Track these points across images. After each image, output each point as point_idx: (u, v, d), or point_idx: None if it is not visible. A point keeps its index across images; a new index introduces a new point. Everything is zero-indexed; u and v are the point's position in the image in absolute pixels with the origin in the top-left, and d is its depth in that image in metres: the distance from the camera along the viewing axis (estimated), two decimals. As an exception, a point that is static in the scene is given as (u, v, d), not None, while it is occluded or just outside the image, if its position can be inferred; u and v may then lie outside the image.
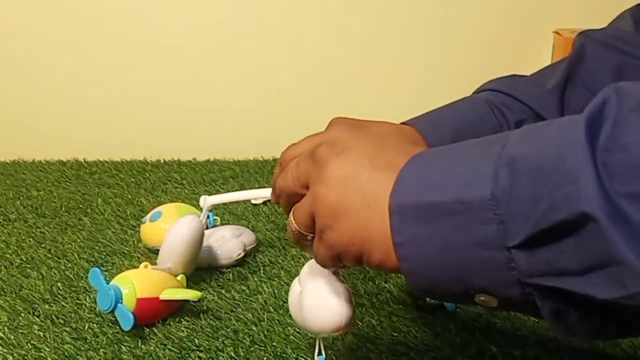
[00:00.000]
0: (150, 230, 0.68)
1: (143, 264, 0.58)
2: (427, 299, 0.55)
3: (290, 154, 0.41)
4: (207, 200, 0.64)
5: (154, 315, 0.55)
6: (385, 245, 0.31)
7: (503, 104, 0.52)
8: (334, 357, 0.49)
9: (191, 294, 0.56)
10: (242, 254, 0.66)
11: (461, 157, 0.30)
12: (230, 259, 0.65)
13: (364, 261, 0.33)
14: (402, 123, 0.51)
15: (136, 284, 0.53)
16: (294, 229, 0.37)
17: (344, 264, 0.35)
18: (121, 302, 0.52)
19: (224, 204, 0.70)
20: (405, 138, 0.38)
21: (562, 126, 0.27)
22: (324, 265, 0.37)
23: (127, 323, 0.51)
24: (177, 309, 0.56)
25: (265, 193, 0.59)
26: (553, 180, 0.25)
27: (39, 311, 0.57)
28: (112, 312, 0.52)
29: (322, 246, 0.35)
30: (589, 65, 0.53)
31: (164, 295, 0.54)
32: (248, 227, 0.71)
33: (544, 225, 0.25)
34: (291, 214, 0.37)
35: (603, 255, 0.24)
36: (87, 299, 0.59)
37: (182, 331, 0.53)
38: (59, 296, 0.60)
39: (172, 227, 0.59)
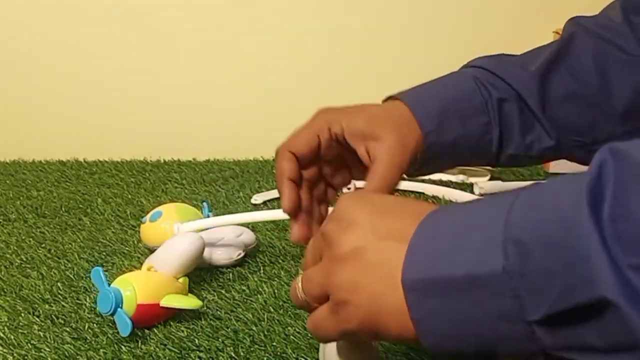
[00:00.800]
0: (150, 230, 0.68)
1: (146, 265, 0.58)
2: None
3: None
4: (180, 228, 0.64)
5: (153, 319, 0.54)
6: (403, 319, 0.31)
7: (488, 82, 0.52)
8: (334, 357, 0.49)
9: (192, 303, 0.56)
10: (242, 254, 0.66)
11: (469, 225, 0.30)
12: (230, 259, 0.65)
13: (381, 336, 0.33)
14: (390, 97, 0.53)
15: (137, 288, 0.53)
16: (300, 297, 0.37)
17: (355, 338, 0.35)
18: (121, 307, 0.52)
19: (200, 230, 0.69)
20: (410, 205, 0.35)
21: (564, 191, 0.26)
22: (326, 338, 0.37)
23: (125, 329, 0.51)
24: (177, 311, 0.56)
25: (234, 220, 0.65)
26: (563, 255, 0.25)
27: (39, 311, 0.57)
28: (112, 315, 0.52)
29: (336, 320, 0.34)
30: (575, 52, 0.53)
31: (165, 302, 0.54)
32: (248, 227, 0.71)
33: (563, 307, 0.25)
34: (299, 281, 0.37)
35: (627, 337, 0.24)
36: (87, 299, 0.59)
37: (182, 331, 0.53)
38: (59, 296, 0.60)
39: (175, 240, 0.59)
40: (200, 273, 0.63)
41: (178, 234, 0.62)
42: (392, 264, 0.31)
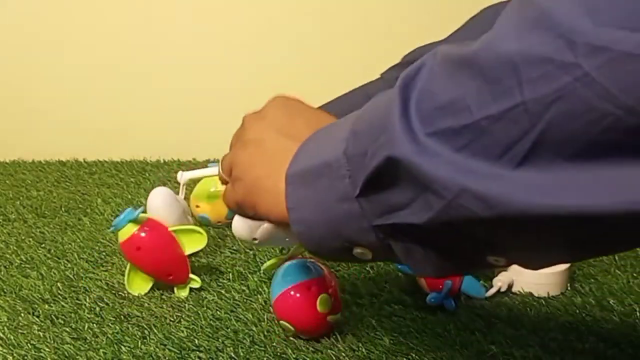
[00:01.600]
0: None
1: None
2: (427, 299, 0.55)
3: None
4: (183, 175, 0.73)
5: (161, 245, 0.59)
6: (275, 202, 0.37)
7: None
8: (334, 358, 0.49)
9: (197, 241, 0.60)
10: None
11: (337, 125, 0.35)
12: None
13: (257, 210, 0.39)
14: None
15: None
16: (221, 174, 0.45)
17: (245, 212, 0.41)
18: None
19: (201, 177, 0.77)
20: (326, 117, 0.42)
21: (393, 89, 0.31)
22: (228, 205, 0.43)
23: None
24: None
25: None
26: (375, 133, 0.30)
27: (38, 311, 0.57)
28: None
29: (231, 192, 0.42)
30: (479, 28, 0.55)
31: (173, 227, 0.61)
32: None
33: (368, 172, 0.31)
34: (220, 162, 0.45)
35: (416, 186, 0.29)
36: (87, 299, 0.59)
37: (182, 331, 0.53)
38: (59, 296, 0.60)
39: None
40: (200, 273, 0.63)
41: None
42: (282, 157, 0.37)
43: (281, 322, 0.52)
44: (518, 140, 0.26)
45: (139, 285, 0.60)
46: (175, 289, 0.60)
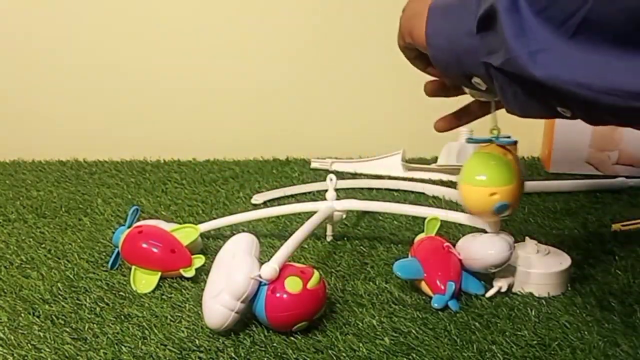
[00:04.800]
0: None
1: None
2: (432, 304, 0.55)
3: None
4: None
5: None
6: (423, 34, 0.47)
7: None
8: (334, 358, 0.49)
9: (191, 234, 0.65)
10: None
11: None
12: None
13: (413, 35, 0.49)
14: None
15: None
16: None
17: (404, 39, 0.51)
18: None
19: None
20: None
21: None
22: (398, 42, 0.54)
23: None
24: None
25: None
26: None
27: (39, 311, 0.57)
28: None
29: (401, 25, 0.52)
30: None
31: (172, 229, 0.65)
32: (250, 225, 0.70)
33: (481, 12, 0.40)
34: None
35: (498, 38, 0.38)
36: (87, 299, 0.59)
37: (183, 332, 0.53)
38: (59, 296, 0.60)
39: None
40: (201, 273, 0.63)
41: None
42: (424, 7, 0.47)
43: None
44: (574, 13, 0.33)
45: (145, 283, 0.61)
46: (181, 271, 0.61)
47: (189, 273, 0.61)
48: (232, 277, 0.51)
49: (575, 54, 0.34)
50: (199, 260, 0.62)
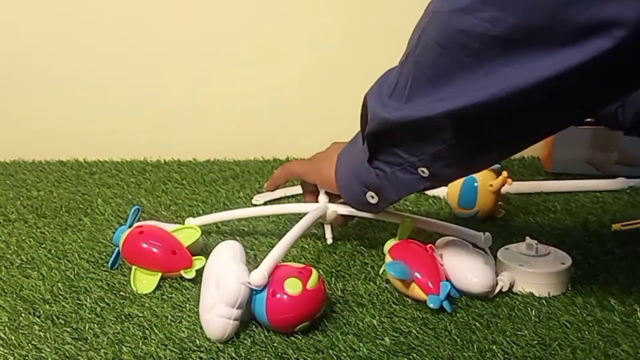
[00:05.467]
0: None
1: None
2: (427, 303, 0.55)
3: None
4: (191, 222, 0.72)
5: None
6: (330, 182, 0.64)
7: None
8: (335, 358, 0.49)
9: (192, 235, 0.66)
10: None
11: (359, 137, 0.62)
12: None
13: (318, 174, 0.67)
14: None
15: None
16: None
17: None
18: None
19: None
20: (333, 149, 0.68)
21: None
22: (294, 171, 0.72)
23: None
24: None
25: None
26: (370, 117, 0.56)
27: (39, 311, 0.57)
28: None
29: (298, 165, 0.72)
30: None
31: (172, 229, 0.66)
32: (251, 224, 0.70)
33: (366, 132, 0.57)
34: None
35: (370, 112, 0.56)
36: (88, 299, 0.59)
37: (183, 332, 0.53)
38: (60, 296, 0.60)
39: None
40: (200, 274, 0.63)
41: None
42: (332, 158, 0.64)
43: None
44: (405, 89, 0.51)
45: (145, 283, 0.61)
46: (182, 272, 0.61)
47: (190, 274, 0.61)
48: (222, 286, 0.51)
49: (404, 107, 0.51)
50: (199, 262, 0.62)
